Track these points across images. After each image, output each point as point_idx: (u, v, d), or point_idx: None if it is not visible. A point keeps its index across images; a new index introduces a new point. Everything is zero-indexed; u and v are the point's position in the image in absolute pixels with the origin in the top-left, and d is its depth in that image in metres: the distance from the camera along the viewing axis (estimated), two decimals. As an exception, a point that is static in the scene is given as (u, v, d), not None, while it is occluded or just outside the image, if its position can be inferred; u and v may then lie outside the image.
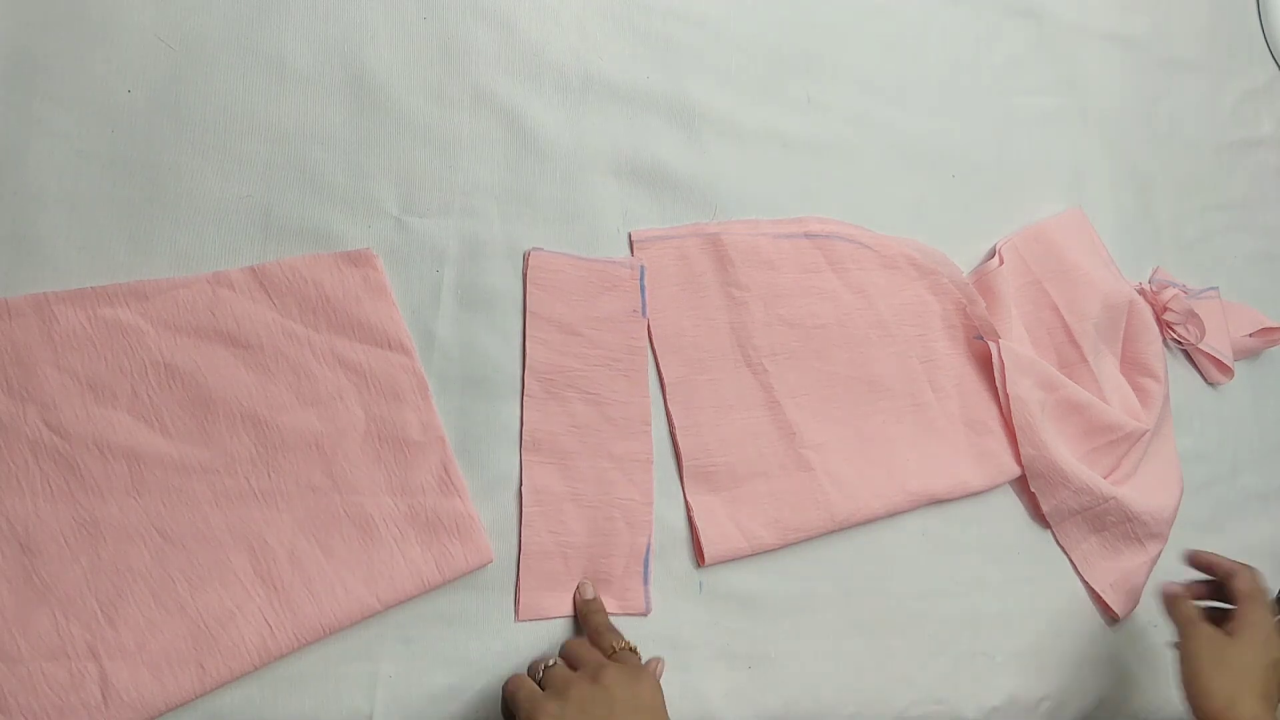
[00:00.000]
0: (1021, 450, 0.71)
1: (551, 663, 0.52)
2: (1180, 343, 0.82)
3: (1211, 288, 0.83)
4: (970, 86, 0.79)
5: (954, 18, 0.79)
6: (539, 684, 0.51)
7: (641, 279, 0.62)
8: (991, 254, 0.76)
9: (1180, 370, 0.83)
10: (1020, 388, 0.71)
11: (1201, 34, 0.92)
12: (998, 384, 0.71)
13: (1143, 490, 0.74)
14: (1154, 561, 0.74)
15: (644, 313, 0.62)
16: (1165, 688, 0.74)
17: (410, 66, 0.59)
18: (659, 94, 0.66)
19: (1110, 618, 0.73)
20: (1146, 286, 0.81)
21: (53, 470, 0.49)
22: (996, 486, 0.71)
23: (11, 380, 0.49)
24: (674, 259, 0.64)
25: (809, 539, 0.64)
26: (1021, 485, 0.73)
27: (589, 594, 0.58)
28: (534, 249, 0.60)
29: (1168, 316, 0.80)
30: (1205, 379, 0.84)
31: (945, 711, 0.66)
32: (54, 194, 0.51)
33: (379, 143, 0.58)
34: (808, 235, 0.68)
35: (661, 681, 0.52)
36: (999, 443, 0.71)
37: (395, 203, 0.58)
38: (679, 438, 0.62)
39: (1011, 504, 0.73)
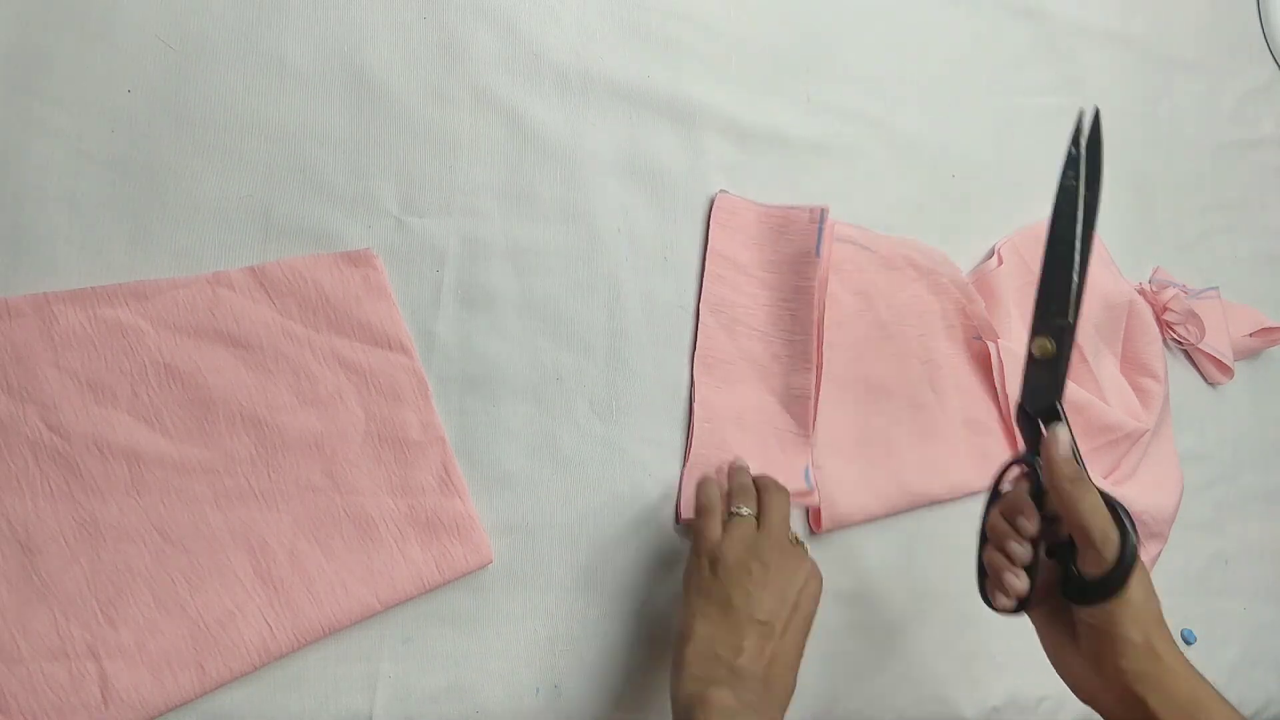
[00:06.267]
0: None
1: (744, 511, 0.54)
2: (1180, 343, 0.82)
3: (1211, 288, 0.83)
4: (970, 86, 0.79)
5: (954, 18, 0.79)
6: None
7: (821, 222, 0.65)
8: (991, 254, 0.76)
9: (1180, 370, 0.83)
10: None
11: (1201, 34, 0.93)
12: (997, 384, 0.71)
13: (1143, 490, 0.74)
14: (1154, 561, 0.74)
15: (819, 253, 0.64)
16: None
17: (410, 66, 0.59)
18: (659, 93, 0.66)
19: (1110, 618, 0.73)
20: (1146, 286, 0.81)
21: (53, 470, 0.49)
22: (996, 486, 0.71)
23: (11, 380, 0.49)
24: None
25: (812, 539, 0.64)
26: (1021, 485, 0.72)
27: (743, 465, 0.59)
28: (721, 190, 0.65)
29: (1168, 316, 0.80)
30: (1205, 379, 0.84)
31: (945, 711, 0.66)
32: (54, 194, 0.51)
33: (379, 143, 0.58)
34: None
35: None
36: (998, 443, 0.71)
37: (395, 203, 0.58)
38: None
39: (1011, 504, 0.72)
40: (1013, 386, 0.71)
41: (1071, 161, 0.52)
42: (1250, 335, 0.85)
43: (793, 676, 0.50)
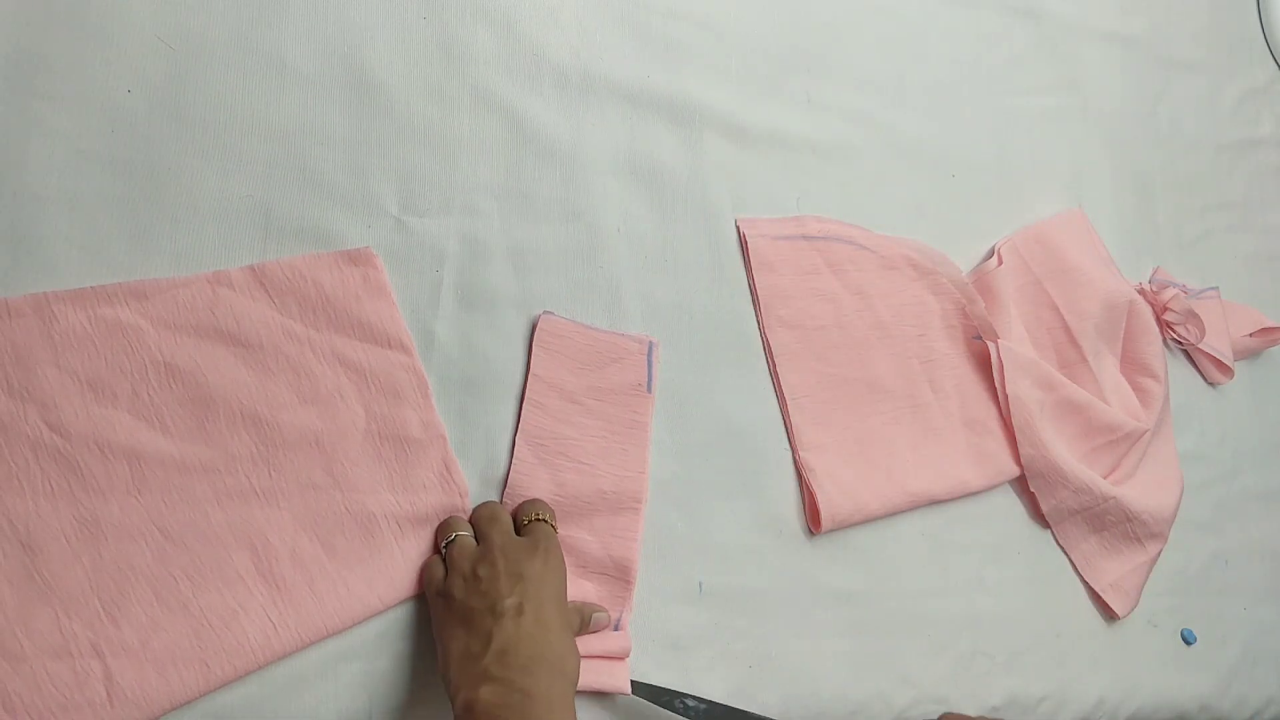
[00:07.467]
0: (1021, 450, 0.71)
1: (455, 535, 0.53)
2: (1180, 343, 0.82)
3: (1211, 288, 0.83)
4: (970, 86, 0.79)
5: (954, 18, 0.79)
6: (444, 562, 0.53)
7: (649, 355, 0.62)
8: (990, 254, 0.76)
9: (1180, 370, 0.83)
10: (1019, 388, 0.71)
11: (1201, 34, 0.93)
12: (996, 384, 0.71)
13: (1142, 490, 0.74)
14: (1154, 561, 0.74)
15: (650, 388, 0.61)
16: (1166, 687, 0.74)
17: (410, 66, 0.59)
18: (659, 93, 0.66)
19: (1110, 618, 0.73)
20: (1146, 286, 0.81)
21: (53, 470, 0.49)
22: (995, 487, 0.71)
23: (12, 380, 0.49)
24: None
25: (811, 539, 0.64)
26: (1021, 485, 0.73)
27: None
28: (545, 312, 0.60)
29: (1168, 316, 0.80)
30: (1205, 379, 0.84)
31: (945, 711, 0.66)
32: (54, 194, 0.52)
33: (379, 143, 0.58)
34: (805, 237, 0.68)
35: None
36: (998, 443, 0.71)
37: (395, 203, 0.58)
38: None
39: (1011, 504, 0.73)
40: (1013, 386, 0.71)
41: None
42: (1250, 335, 0.85)
43: (557, 640, 0.49)
